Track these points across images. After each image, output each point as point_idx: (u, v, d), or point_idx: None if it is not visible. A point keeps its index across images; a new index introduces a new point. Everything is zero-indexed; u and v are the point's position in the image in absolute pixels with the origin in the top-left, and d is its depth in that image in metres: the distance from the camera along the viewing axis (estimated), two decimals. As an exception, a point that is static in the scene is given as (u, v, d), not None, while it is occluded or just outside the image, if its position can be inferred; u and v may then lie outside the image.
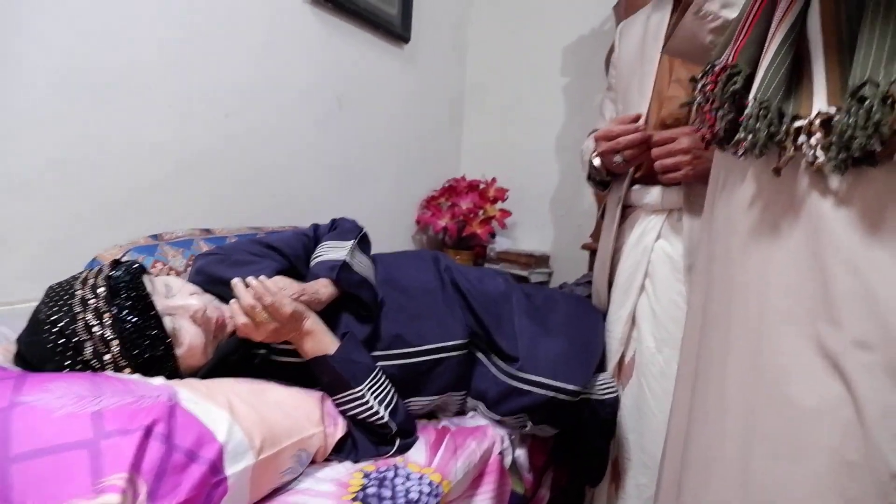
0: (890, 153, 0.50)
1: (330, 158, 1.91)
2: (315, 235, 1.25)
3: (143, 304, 0.89)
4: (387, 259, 1.31)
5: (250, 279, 0.97)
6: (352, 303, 1.12)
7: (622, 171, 1.32)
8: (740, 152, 0.62)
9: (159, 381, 0.85)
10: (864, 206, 0.54)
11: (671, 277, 1.25)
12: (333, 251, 1.15)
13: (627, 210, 1.36)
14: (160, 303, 0.93)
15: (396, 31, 2.12)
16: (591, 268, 2.14)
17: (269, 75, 1.65)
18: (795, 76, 0.58)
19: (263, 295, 0.95)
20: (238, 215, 1.59)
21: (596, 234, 2.18)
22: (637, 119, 1.22)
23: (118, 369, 0.87)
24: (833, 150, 0.53)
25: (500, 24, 2.62)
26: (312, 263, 1.15)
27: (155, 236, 1.31)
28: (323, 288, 1.07)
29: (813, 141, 0.54)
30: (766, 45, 0.61)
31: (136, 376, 0.86)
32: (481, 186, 2.38)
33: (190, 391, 0.84)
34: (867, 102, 0.49)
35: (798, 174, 0.58)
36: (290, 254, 1.17)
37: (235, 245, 1.20)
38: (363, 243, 1.26)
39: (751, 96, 0.60)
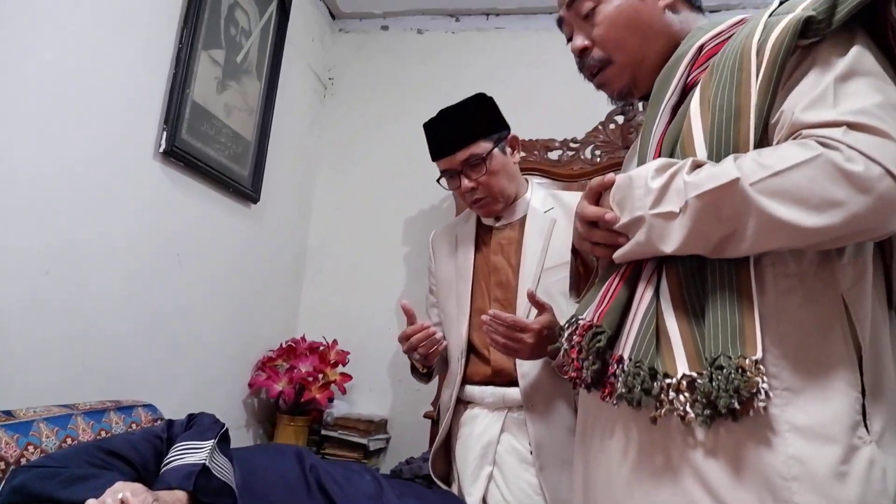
0: (745, 410, 0.63)
1: (161, 319, 1.75)
2: (168, 436, 1.10)
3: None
4: (245, 457, 1.19)
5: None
6: None
7: (426, 363, 1.41)
8: (614, 401, 0.72)
9: None
10: (727, 454, 0.66)
11: (519, 468, 1.30)
12: (190, 454, 1.02)
13: (464, 405, 1.42)
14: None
15: (246, 191, 2.12)
16: (432, 438, 2.13)
17: (103, 231, 1.52)
18: (657, 337, 0.72)
19: None
20: (45, 391, 1.35)
21: (436, 402, 2.20)
22: (426, 328, 1.33)
23: None
24: (699, 408, 0.65)
25: (345, 191, 2.75)
26: (167, 468, 0.99)
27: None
28: (177, 501, 0.93)
29: (682, 398, 0.66)
30: (633, 311, 0.75)
31: None
32: (321, 349, 2.33)
33: None
34: (725, 371, 0.63)
35: (670, 424, 0.70)
36: (139, 462, 1.01)
37: (69, 453, 1.00)
38: (223, 442, 1.14)
39: (626, 355, 0.72)
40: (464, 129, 1.38)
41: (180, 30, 1.75)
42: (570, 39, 0.97)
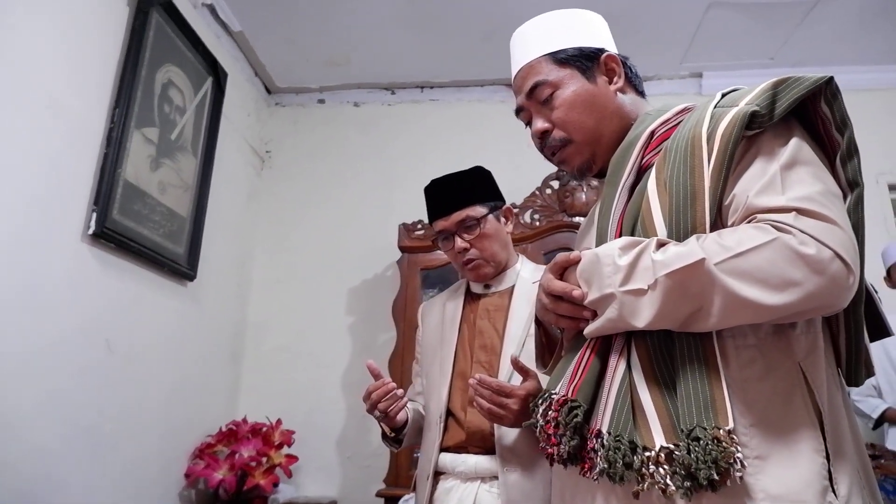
0: (724, 481, 0.65)
1: (87, 417, 1.63)
2: None
3: None
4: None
5: None
6: None
7: (391, 424, 1.38)
8: (595, 476, 0.73)
9: None
10: None
11: None
12: None
13: (439, 476, 1.37)
14: None
15: (181, 269, 2.05)
16: (387, 517, 2.04)
17: (23, 327, 1.42)
18: (632, 409, 0.74)
19: None
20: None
21: (391, 479, 2.12)
22: (386, 384, 1.32)
23: None
24: (679, 480, 0.67)
25: (285, 263, 2.70)
26: None
27: None
28: None
29: (661, 471, 0.68)
30: (607, 384, 0.77)
31: None
32: (265, 430, 2.21)
33: None
34: (702, 442, 0.66)
35: (650, 496, 0.71)
36: None
37: None
38: None
39: (604, 429, 0.74)
40: (462, 193, 1.44)
41: (111, 109, 1.72)
42: (527, 124, 1.03)
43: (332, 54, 2.65)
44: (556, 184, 2.37)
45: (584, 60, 0.97)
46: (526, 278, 1.44)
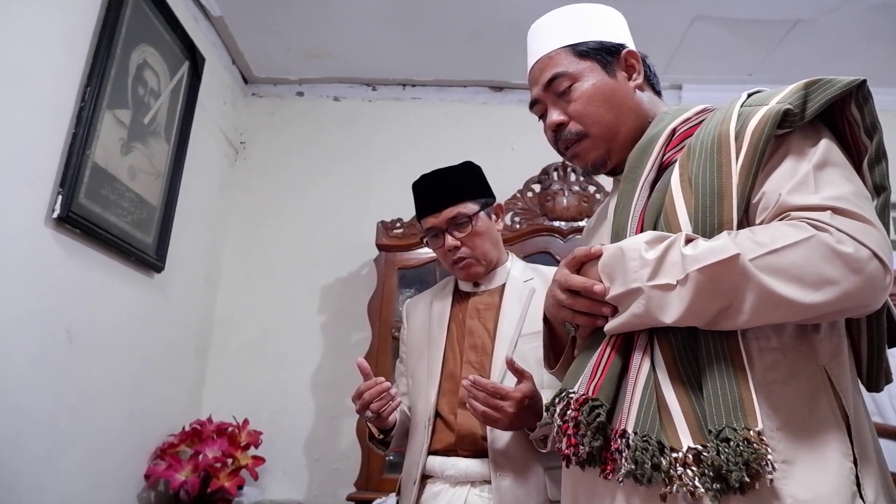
0: (753, 484, 0.64)
1: (44, 410, 1.53)
2: None
3: None
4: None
5: None
6: None
7: (381, 426, 1.33)
8: (620, 478, 0.70)
9: None
10: None
11: None
12: None
13: (427, 480, 1.33)
14: None
15: (149, 259, 1.95)
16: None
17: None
18: (657, 409, 0.72)
19: None
20: None
21: (362, 483, 2.07)
22: (380, 384, 1.26)
23: None
24: (707, 481, 0.65)
25: (257, 259, 2.61)
26: None
27: None
28: None
29: (689, 473, 0.66)
30: (631, 383, 0.74)
31: None
32: (230, 430, 2.13)
33: None
34: (732, 443, 0.64)
35: (676, 498, 0.68)
36: None
37: None
38: None
39: (629, 429, 0.71)
40: (452, 189, 1.39)
41: (83, 87, 1.62)
42: (540, 117, 1.02)
43: (313, 46, 2.59)
44: (537, 187, 2.36)
45: (605, 54, 0.96)
46: (516, 276, 1.42)
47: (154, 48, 1.95)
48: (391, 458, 2.06)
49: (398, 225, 2.33)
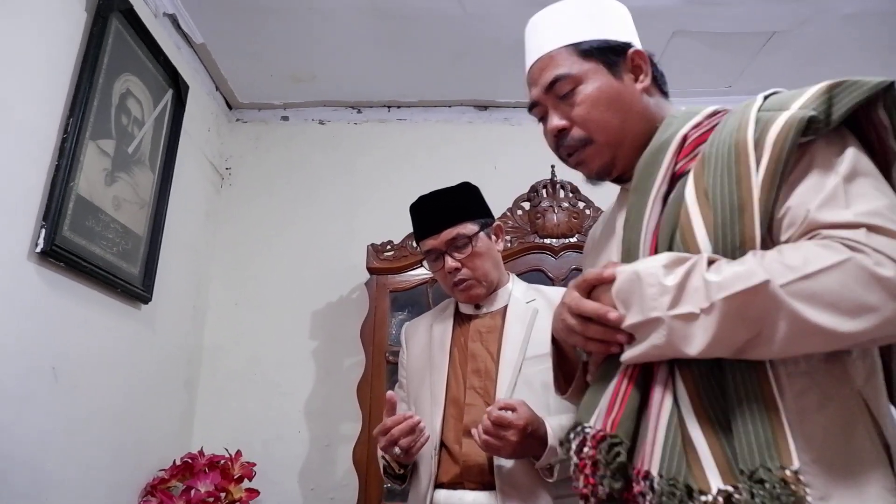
0: None
1: (26, 451, 1.47)
2: None
3: None
4: None
5: None
6: None
7: (406, 461, 1.29)
8: None
9: None
10: None
11: None
12: None
13: None
14: None
15: (136, 291, 1.91)
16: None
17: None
18: (683, 448, 0.66)
19: None
20: None
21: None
22: (409, 418, 1.24)
23: None
24: None
25: (245, 285, 2.58)
26: None
27: None
28: None
29: None
30: (653, 420, 0.69)
31: None
32: (223, 463, 2.07)
33: None
34: (768, 485, 0.59)
35: None
36: None
37: None
38: None
39: (653, 471, 0.66)
40: (451, 210, 1.38)
41: (65, 119, 1.60)
42: (540, 119, 0.95)
43: (296, 70, 2.58)
44: (526, 205, 2.35)
45: (610, 54, 0.90)
46: (518, 298, 1.40)
47: (137, 77, 1.93)
48: (388, 485, 2.02)
49: (388, 247, 2.31)
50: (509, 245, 2.28)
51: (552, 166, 2.33)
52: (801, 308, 0.62)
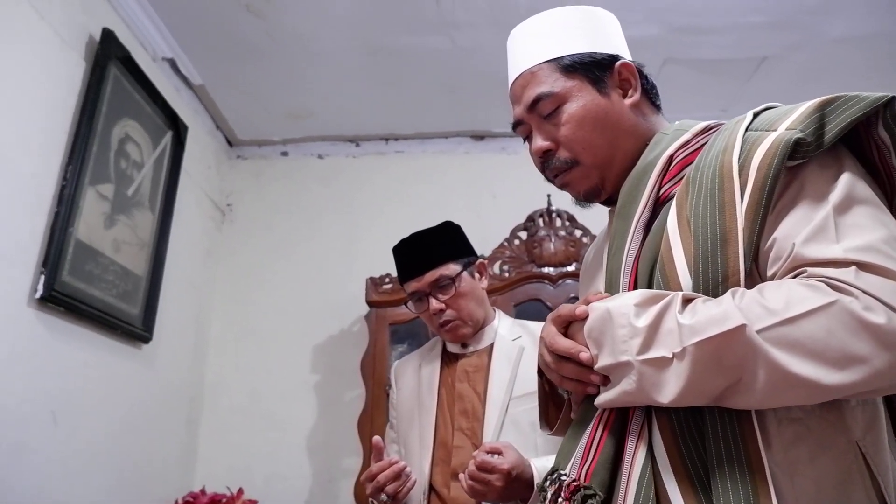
0: None
1: (26, 494, 1.48)
2: None
3: None
4: None
5: None
6: None
7: None
8: None
9: None
10: None
11: None
12: None
13: None
14: None
15: (136, 331, 1.93)
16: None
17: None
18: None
19: None
20: None
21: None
22: (394, 464, 1.24)
23: None
24: None
25: (246, 321, 2.59)
26: None
27: None
28: None
29: None
30: (626, 472, 0.65)
31: None
32: (225, 501, 2.07)
33: None
34: None
35: None
36: None
37: None
38: None
39: None
40: (433, 251, 1.39)
41: (64, 166, 1.63)
42: (525, 138, 0.90)
43: (294, 107, 2.63)
44: (523, 234, 2.36)
45: (595, 69, 0.84)
46: (504, 335, 1.40)
47: (136, 121, 1.97)
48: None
49: (387, 280, 2.32)
50: (507, 275, 2.29)
51: (548, 195, 2.34)
52: (781, 357, 0.56)
